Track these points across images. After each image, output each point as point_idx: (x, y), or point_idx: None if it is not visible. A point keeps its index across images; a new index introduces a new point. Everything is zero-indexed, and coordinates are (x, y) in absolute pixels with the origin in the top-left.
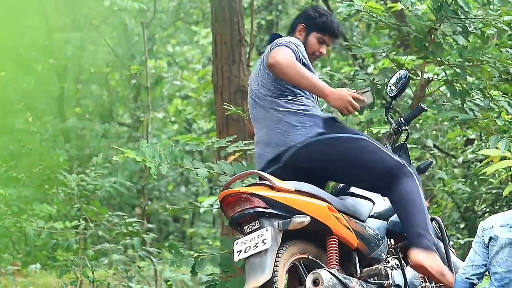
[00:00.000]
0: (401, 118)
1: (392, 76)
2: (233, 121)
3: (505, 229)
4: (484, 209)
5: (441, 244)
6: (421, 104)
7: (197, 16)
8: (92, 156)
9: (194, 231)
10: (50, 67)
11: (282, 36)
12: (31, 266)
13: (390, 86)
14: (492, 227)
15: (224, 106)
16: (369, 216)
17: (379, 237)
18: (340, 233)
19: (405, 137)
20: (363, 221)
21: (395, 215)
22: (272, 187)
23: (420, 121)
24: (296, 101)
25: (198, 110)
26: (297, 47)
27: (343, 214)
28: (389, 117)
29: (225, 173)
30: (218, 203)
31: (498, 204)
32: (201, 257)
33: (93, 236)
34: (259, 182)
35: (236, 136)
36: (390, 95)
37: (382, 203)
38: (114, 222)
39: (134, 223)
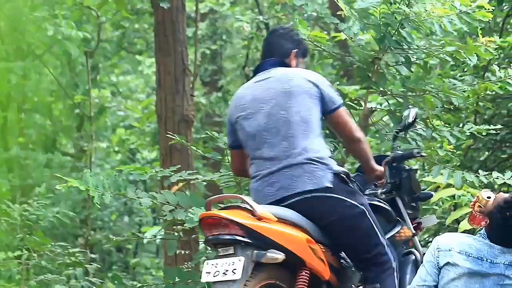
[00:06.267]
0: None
1: (411, 110)
2: (177, 151)
3: (463, 257)
4: (427, 238)
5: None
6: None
7: (141, 46)
8: (35, 186)
9: (138, 261)
10: None
11: (280, 61)
12: None
13: (406, 119)
14: (450, 250)
15: (167, 136)
16: None
17: (353, 269)
18: (313, 266)
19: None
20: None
21: None
22: (253, 214)
23: None
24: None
25: (141, 140)
26: None
27: (320, 245)
28: (395, 144)
29: (168, 202)
30: (198, 222)
31: (440, 233)
32: (144, 287)
33: (36, 266)
34: (242, 205)
35: (180, 166)
36: (400, 127)
37: None
38: (57, 252)
39: (77, 253)
